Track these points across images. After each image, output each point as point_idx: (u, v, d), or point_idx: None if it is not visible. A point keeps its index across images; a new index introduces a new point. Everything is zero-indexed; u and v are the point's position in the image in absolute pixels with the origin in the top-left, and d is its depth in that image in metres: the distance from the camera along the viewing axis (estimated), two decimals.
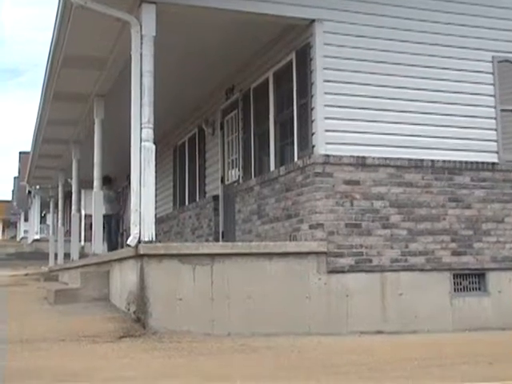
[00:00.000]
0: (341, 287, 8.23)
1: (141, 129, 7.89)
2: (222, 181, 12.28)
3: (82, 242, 24.48)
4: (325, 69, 8.54)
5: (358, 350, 7.02)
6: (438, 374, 5.62)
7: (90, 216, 16.33)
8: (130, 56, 8.12)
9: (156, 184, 8.43)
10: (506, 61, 9.52)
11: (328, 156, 8.37)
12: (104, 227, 13.64)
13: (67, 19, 8.83)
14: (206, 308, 7.57)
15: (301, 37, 8.95)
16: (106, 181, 15.00)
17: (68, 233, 20.51)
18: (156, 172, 8.18)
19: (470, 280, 9.02)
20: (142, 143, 7.83)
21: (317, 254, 8.15)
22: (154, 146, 7.87)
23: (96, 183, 12.38)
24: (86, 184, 16.75)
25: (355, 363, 6.11)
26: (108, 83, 11.31)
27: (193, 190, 14.06)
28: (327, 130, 8.47)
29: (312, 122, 8.56)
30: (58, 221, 20.49)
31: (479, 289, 9.05)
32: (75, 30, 9.04)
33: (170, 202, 15.81)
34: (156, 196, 9.24)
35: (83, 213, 25.55)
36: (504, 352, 7.04)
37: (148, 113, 7.87)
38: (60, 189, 19.72)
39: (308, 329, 7.88)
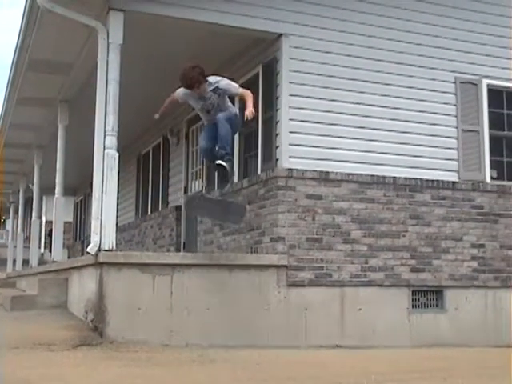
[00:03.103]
0: (300, 301, 8.25)
1: (104, 136, 7.85)
2: (186, 191, 12.26)
3: (42, 249, 24.17)
4: (290, 83, 8.60)
5: (316, 363, 7.04)
6: None
7: (51, 222, 16.18)
8: (97, 62, 8.09)
9: (119, 192, 8.40)
10: (469, 82, 9.69)
11: (291, 170, 8.41)
12: None
13: (33, 23, 8.77)
14: (164, 318, 7.53)
15: (268, 50, 9.01)
16: None
17: (28, 239, 20.25)
18: (119, 180, 8.14)
19: (428, 297, 9.12)
20: (106, 151, 7.78)
21: (277, 267, 8.17)
22: (117, 154, 7.83)
23: (58, 189, 12.26)
24: (47, 190, 16.55)
25: (312, 377, 6.12)
26: (73, 89, 11.24)
27: (155, 200, 14.00)
28: (291, 144, 8.52)
29: (276, 135, 8.61)
30: (17, 227, 20.22)
31: (437, 305, 9.15)
32: (41, 34, 8.97)
33: (133, 211, 15.72)
34: (118, 204, 9.20)
35: (44, 219, 25.31)
36: (457, 368, 7.13)
37: (112, 120, 7.84)
38: (21, 194, 19.47)
39: (267, 341, 7.88)
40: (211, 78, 7.51)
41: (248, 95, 7.43)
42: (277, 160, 8.55)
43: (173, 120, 12.76)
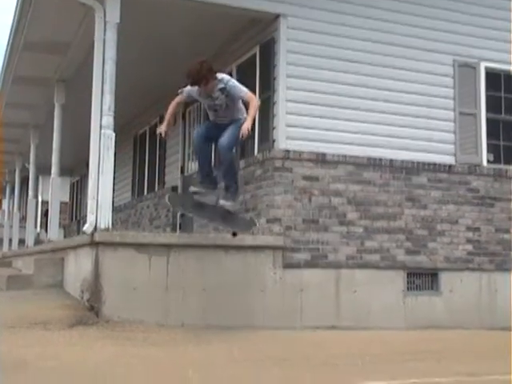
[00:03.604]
0: (296, 282, 8.27)
1: (101, 116, 7.83)
2: (182, 171, 12.25)
3: (38, 229, 24.14)
4: (288, 64, 8.57)
5: (312, 344, 7.08)
6: (388, 370, 5.70)
7: (47, 202, 16.16)
8: (94, 42, 8.05)
9: (115, 173, 8.38)
10: (467, 65, 9.66)
11: (288, 151, 8.40)
12: None
13: (29, 2, 8.71)
14: (160, 298, 7.55)
15: (265, 31, 8.96)
16: None
17: (24, 219, 20.22)
18: (115, 160, 8.12)
19: (423, 279, 9.15)
20: (102, 130, 7.77)
21: (273, 248, 8.19)
22: (113, 134, 7.82)
23: (54, 169, 12.22)
24: (43, 170, 16.51)
25: (308, 357, 6.16)
26: (70, 68, 11.18)
27: (152, 180, 13.99)
28: (288, 125, 8.50)
29: (273, 116, 8.59)
30: (13, 206, 20.20)
31: (431, 288, 9.19)
32: (37, 13, 8.93)
33: (129, 192, 15.71)
34: (114, 185, 9.19)
35: (40, 199, 25.27)
36: (451, 349, 7.18)
37: (109, 100, 7.81)
38: (17, 174, 19.42)
39: (263, 322, 7.91)
40: (221, 76, 7.08)
41: (252, 104, 6.91)
42: (274, 141, 8.54)
43: (169, 100, 12.70)
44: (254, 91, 9.10)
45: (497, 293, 9.41)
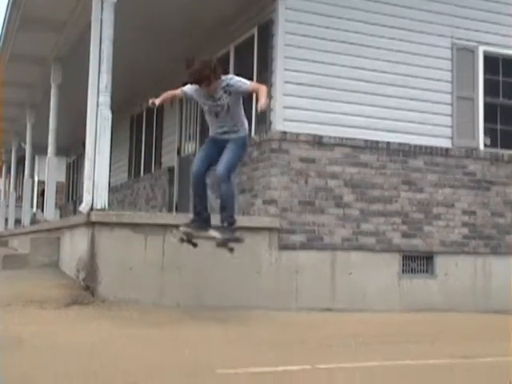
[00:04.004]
0: (291, 264, 8.29)
1: (98, 96, 7.81)
2: (179, 152, 12.23)
3: (34, 209, 24.13)
4: (286, 45, 8.53)
5: (306, 325, 7.11)
6: (381, 351, 5.73)
7: (43, 182, 16.14)
8: (91, 20, 8.00)
9: (111, 153, 8.36)
10: (465, 49, 9.63)
11: (285, 133, 8.39)
12: None
13: None
14: (156, 278, 7.56)
15: (264, 12, 8.92)
16: None
17: (20, 198, 20.22)
18: (112, 140, 8.11)
19: (419, 262, 9.17)
20: (99, 110, 7.75)
21: (269, 229, 8.19)
22: (110, 114, 7.80)
23: (50, 149, 12.20)
24: (40, 150, 16.47)
25: (302, 339, 6.19)
26: (67, 47, 11.14)
27: (148, 161, 13.97)
28: (285, 107, 8.48)
29: (271, 98, 8.56)
30: (9, 186, 20.17)
31: (427, 271, 9.22)
32: None
33: (125, 172, 15.69)
34: (111, 165, 9.14)
35: (36, 179, 25.24)
36: (446, 332, 7.22)
37: (106, 80, 7.78)
38: (13, 153, 19.39)
39: (258, 303, 7.92)
40: (224, 76, 6.70)
41: (260, 88, 6.63)
42: (270, 123, 8.52)
43: (167, 80, 12.67)
44: (251, 72, 9.12)
45: (491, 276, 9.45)
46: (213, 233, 6.79)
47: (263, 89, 6.63)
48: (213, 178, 6.93)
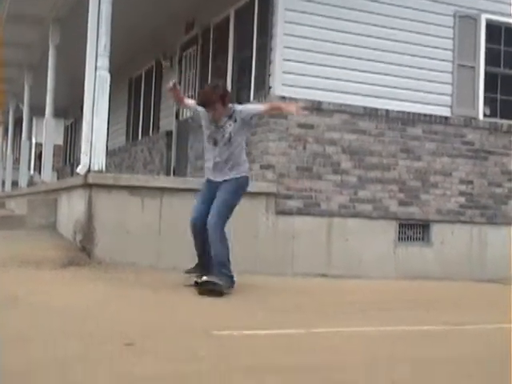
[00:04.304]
0: (288, 229, 8.31)
1: (96, 57, 7.75)
2: (177, 116, 12.18)
3: (31, 171, 24.09)
4: (286, 10, 8.44)
5: (302, 291, 7.14)
6: (377, 318, 5.78)
7: (40, 145, 16.09)
8: None
9: (109, 115, 8.30)
10: (467, 16, 9.55)
11: (284, 98, 8.33)
12: None
13: None
14: (153, 241, 7.58)
15: None
16: None
17: (17, 160, 20.16)
18: (110, 103, 8.05)
19: (415, 230, 9.20)
20: (97, 72, 7.69)
21: (266, 194, 8.20)
22: (109, 75, 7.73)
23: (48, 110, 12.13)
24: (38, 111, 16.40)
25: (298, 304, 6.22)
26: (65, 8, 11.03)
27: (147, 125, 13.92)
28: (285, 72, 8.42)
29: (270, 63, 8.50)
30: (7, 148, 20.11)
31: (423, 239, 9.25)
32: None
33: (123, 136, 15.64)
34: (109, 128, 9.11)
35: (34, 141, 25.16)
36: (440, 300, 7.27)
37: (105, 41, 7.71)
38: (11, 114, 19.29)
39: (254, 268, 7.94)
40: (233, 105, 6.36)
41: (274, 104, 6.34)
42: (270, 88, 8.46)
43: (167, 44, 12.59)
44: (251, 37, 9.05)
45: (487, 246, 9.49)
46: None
47: (277, 103, 6.35)
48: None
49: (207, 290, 6.05)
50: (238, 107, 6.36)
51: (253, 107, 6.37)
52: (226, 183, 6.36)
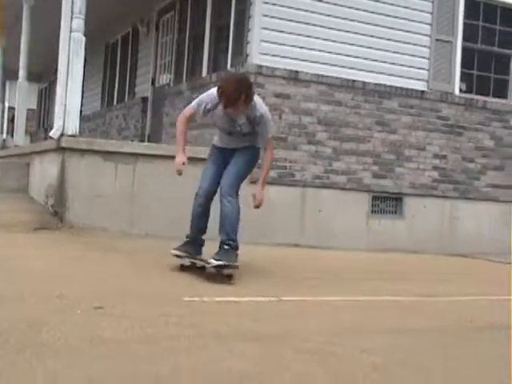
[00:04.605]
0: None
1: (71, 19, 7.62)
2: (153, 83, 12.07)
3: (4, 135, 23.77)
4: None
5: (274, 260, 7.16)
6: (348, 287, 5.82)
7: (13, 109, 15.86)
8: None
9: (84, 80, 8.20)
10: None
11: (261, 67, 8.29)
12: None
13: None
14: (125, 207, 7.54)
15: None
16: None
17: None
18: (85, 67, 7.96)
19: (388, 203, 9.26)
20: (72, 34, 7.57)
21: None
22: (83, 38, 7.63)
23: (22, 73, 11.96)
24: (11, 75, 16.14)
25: (271, 273, 6.24)
26: None
27: (122, 90, 13.78)
28: (263, 41, 8.36)
29: (248, 30, 8.43)
30: None
31: (395, 212, 9.31)
32: None
33: (98, 101, 15.48)
34: (84, 93, 9.00)
35: (6, 105, 24.80)
36: (412, 272, 7.35)
37: (80, 3, 7.59)
38: None
39: None
40: (254, 102, 5.66)
41: (269, 154, 5.94)
42: (247, 56, 8.41)
43: (144, 8, 12.41)
44: (230, 3, 8.95)
45: (458, 220, 9.59)
46: (205, 259, 5.85)
47: (271, 157, 6.06)
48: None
49: (226, 275, 5.56)
50: (261, 116, 5.73)
51: (266, 133, 5.85)
52: (242, 151, 5.91)
